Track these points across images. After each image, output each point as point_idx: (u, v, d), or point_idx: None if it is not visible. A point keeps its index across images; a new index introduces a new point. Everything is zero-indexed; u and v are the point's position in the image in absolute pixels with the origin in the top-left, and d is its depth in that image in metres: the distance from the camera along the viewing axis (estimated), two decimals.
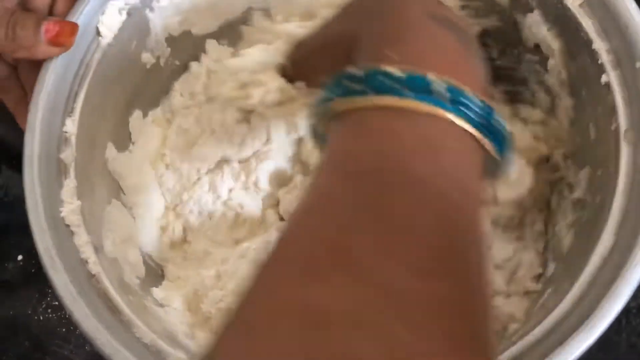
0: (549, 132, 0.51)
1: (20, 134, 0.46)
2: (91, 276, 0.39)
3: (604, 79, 0.42)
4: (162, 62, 0.51)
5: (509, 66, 0.54)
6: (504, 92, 0.55)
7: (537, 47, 0.49)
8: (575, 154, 0.48)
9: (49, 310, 0.56)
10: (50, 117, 0.42)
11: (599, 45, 0.42)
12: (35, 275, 0.56)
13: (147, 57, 0.49)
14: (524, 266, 0.47)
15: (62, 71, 0.43)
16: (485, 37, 0.54)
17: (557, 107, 0.49)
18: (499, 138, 0.31)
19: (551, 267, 0.47)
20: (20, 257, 0.37)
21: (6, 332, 0.56)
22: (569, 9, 0.44)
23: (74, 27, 0.41)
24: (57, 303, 0.56)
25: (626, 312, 0.54)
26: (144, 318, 0.39)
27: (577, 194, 0.46)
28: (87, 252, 0.40)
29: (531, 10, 0.47)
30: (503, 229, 0.49)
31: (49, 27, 0.39)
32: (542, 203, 0.52)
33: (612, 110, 0.41)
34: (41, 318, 0.55)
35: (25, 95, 0.45)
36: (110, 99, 0.46)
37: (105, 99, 0.46)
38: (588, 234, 0.41)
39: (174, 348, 0.38)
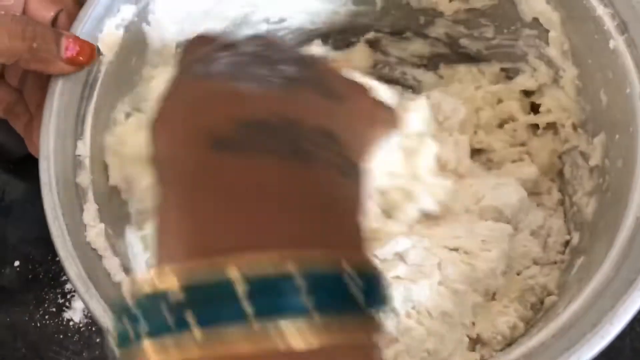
0: (554, 104, 0.51)
1: (18, 138, 0.46)
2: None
3: (612, 44, 0.42)
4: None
5: (506, 44, 0.54)
6: (501, 70, 0.56)
7: (535, 21, 0.49)
8: (585, 122, 0.48)
9: (47, 317, 0.55)
10: (62, 141, 0.41)
11: (602, 12, 0.43)
12: (32, 282, 0.55)
13: (147, 71, 0.48)
14: (553, 233, 0.48)
15: (69, 94, 0.42)
16: (479, 17, 0.54)
17: (561, 79, 0.49)
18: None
19: (576, 237, 0.48)
20: (17, 263, 0.36)
21: (3, 338, 0.55)
22: None
23: (93, 48, 0.40)
24: (54, 309, 0.55)
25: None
26: None
27: (594, 161, 0.46)
28: (119, 275, 0.39)
29: None
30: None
31: (69, 45, 0.38)
32: (554, 174, 0.52)
33: (624, 74, 0.41)
34: (38, 324, 0.55)
35: (32, 118, 0.44)
36: (117, 114, 0.45)
37: (111, 115, 0.45)
38: (614, 200, 0.41)
39: None
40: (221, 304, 0.19)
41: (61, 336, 0.55)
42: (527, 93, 0.54)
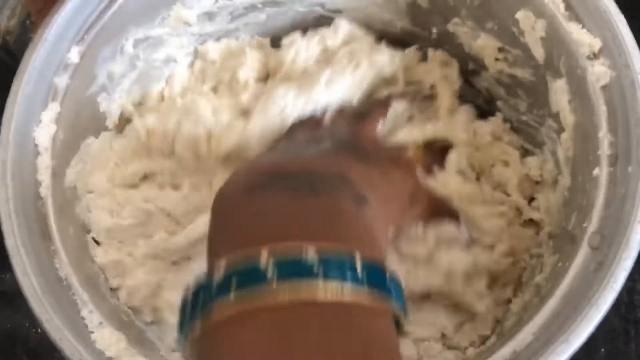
0: (544, 205, 0.48)
1: None
2: (39, 198, 0.41)
3: (595, 172, 0.39)
4: None
5: (532, 124, 0.51)
6: (521, 147, 0.53)
7: (557, 115, 0.46)
8: (556, 237, 0.45)
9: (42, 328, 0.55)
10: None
11: (604, 135, 0.39)
12: None
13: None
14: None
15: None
16: (518, 87, 0.51)
17: (558, 184, 0.46)
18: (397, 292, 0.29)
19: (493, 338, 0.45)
20: None
21: (4, 344, 0.54)
22: (588, 88, 0.41)
23: None
24: None
25: (635, 322, 0.52)
26: (74, 255, 0.41)
27: (539, 278, 0.43)
28: (44, 175, 0.42)
29: (560, 77, 0.44)
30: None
31: None
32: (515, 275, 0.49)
33: (591, 207, 0.38)
34: (39, 330, 0.53)
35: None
36: None
37: None
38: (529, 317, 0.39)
39: (87, 291, 0.39)
40: (255, 275, 0.26)
41: None
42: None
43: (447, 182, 0.48)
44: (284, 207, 0.30)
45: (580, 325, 0.33)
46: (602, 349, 0.51)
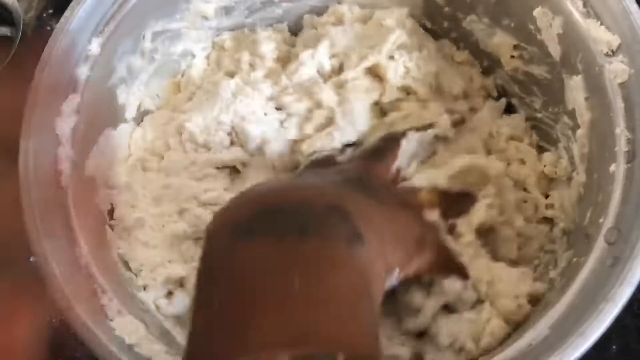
0: (558, 202, 0.48)
1: None
2: (59, 188, 0.42)
3: (612, 168, 0.39)
4: None
5: (546, 122, 0.51)
6: (537, 144, 0.53)
7: (573, 112, 0.46)
8: (570, 233, 0.45)
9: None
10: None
11: (621, 132, 0.39)
12: None
13: None
14: None
15: None
16: (533, 85, 0.51)
17: (572, 180, 0.46)
18: None
19: None
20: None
21: None
22: (606, 85, 0.41)
23: None
24: None
25: None
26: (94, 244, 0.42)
27: (554, 273, 0.43)
28: (65, 165, 0.42)
29: (577, 74, 0.44)
30: None
31: None
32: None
33: (607, 203, 0.38)
34: (54, 321, 0.52)
35: None
36: None
37: None
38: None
39: (106, 280, 0.40)
40: None
41: None
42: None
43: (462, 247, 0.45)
44: (268, 262, 0.30)
45: (596, 319, 0.34)
46: (614, 346, 0.51)
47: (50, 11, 0.69)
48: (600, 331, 0.34)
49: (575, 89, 0.45)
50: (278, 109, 0.51)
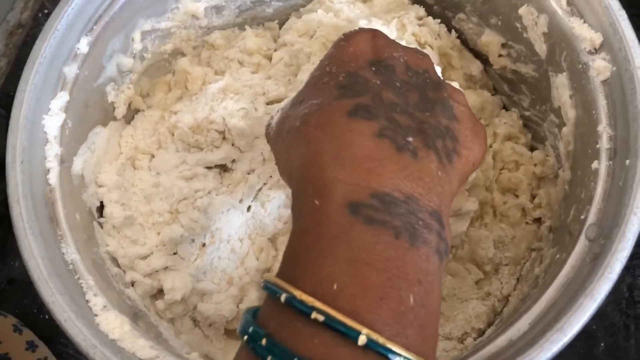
0: (545, 200, 0.48)
1: None
2: (47, 184, 0.42)
3: (594, 165, 0.39)
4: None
5: (534, 120, 0.51)
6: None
7: (559, 110, 0.46)
8: (555, 230, 0.45)
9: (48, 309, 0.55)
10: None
11: (603, 129, 0.39)
12: None
13: None
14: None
15: None
16: (521, 83, 0.51)
17: (559, 178, 0.46)
18: None
19: (491, 329, 0.46)
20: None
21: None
22: (590, 82, 0.41)
23: None
24: None
25: (635, 318, 0.52)
26: (81, 240, 0.42)
27: (538, 270, 0.44)
28: (53, 162, 0.42)
29: (562, 71, 0.44)
30: None
31: None
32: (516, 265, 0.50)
33: (589, 200, 0.38)
34: (47, 317, 0.55)
35: None
36: None
37: None
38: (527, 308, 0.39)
39: (92, 276, 0.40)
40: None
41: None
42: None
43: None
44: (384, 259, 0.29)
45: (575, 314, 0.34)
46: (602, 344, 0.51)
47: (46, 11, 0.70)
48: (579, 326, 0.34)
49: (561, 87, 0.45)
50: (269, 103, 0.52)
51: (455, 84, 0.41)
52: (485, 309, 0.47)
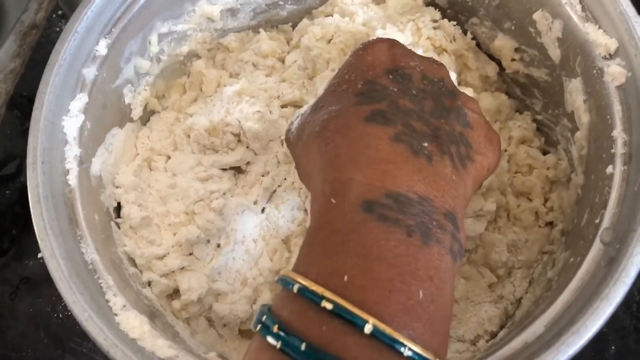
0: (557, 203, 0.49)
1: None
2: (67, 185, 0.42)
3: (609, 170, 0.39)
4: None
5: (547, 124, 0.52)
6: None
7: (572, 115, 0.46)
8: (568, 234, 0.45)
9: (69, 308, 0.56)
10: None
11: (618, 134, 0.40)
12: None
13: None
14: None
15: None
16: (534, 87, 0.52)
17: (571, 182, 0.47)
18: None
19: (503, 332, 0.46)
20: (41, 254, 0.39)
21: (26, 329, 0.56)
22: (605, 88, 0.41)
23: None
24: None
25: None
26: (99, 240, 0.42)
27: (551, 273, 0.44)
28: (72, 163, 0.43)
29: (576, 76, 0.45)
30: None
31: None
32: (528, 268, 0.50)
33: (604, 204, 0.39)
34: (61, 316, 0.55)
35: None
36: None
37: None
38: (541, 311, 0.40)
39: (111, 276, 0.41)
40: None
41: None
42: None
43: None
44: (397, 255, 0.30)
45: (591, 318, 0.34)
46: (613, 347, 0.52)
47: (60, 12, 0.70)
48: (595, 330, 0.34)
49: (574, 92, 0.45)
50: (283, 106, 0.52)
51: (470, 92, 0.41)
52: (498, 312, 0.47)
